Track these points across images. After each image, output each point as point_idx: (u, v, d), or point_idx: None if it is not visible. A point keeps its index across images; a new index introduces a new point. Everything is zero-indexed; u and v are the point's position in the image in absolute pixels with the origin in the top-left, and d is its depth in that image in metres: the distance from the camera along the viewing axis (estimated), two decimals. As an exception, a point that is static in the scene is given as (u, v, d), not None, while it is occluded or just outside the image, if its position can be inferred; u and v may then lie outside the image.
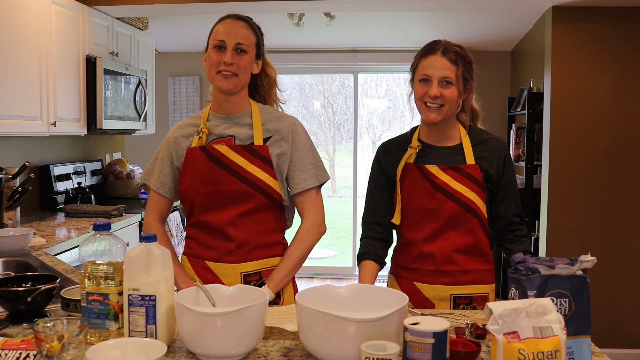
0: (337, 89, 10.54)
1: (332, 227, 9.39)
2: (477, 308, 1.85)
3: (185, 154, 1.84)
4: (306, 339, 1.28)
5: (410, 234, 1.89)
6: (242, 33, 1.80)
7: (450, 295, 1.85)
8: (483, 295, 1.87)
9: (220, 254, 1.82)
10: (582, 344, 1.25)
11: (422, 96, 1.82)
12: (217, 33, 1.80)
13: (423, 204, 1.85)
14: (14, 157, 3.43)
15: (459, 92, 1.81)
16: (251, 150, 1.81)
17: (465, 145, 1.87)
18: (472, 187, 1.83)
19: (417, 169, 1.86)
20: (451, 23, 4.86)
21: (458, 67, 1.80)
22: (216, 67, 1.78)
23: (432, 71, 1.80)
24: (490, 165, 1.86)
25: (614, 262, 3.82)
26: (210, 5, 3.63)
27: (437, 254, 1.85)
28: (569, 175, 3.81)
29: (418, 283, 1.88)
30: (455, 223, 1.83)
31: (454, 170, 1.83)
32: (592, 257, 1.25)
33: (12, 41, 2.86)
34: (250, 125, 1.84)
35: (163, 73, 5.67)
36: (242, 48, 1.79)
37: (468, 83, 1.85)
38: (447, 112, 1.81)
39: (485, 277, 1.89)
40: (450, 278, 1.85)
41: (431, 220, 1.85)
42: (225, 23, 1.81)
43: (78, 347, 1.19)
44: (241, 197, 1.79)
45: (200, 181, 1.80)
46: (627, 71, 3.74)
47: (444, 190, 1.83)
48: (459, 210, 1.82)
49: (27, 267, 2.26)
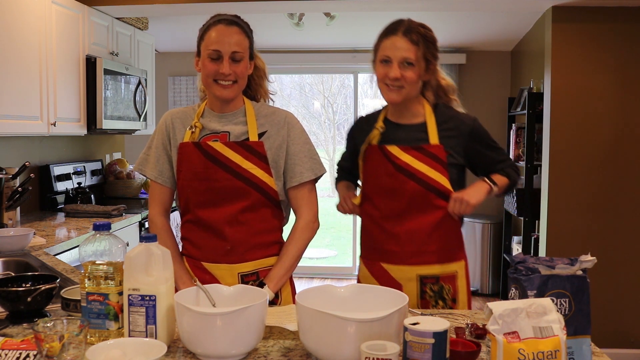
0: (337, 89, 10.54)
1: (332, 227, 9.37)
2: (445, 287, 1.87)
3: (179, 149, 1.83)
4: (306, 339, 1.29)
5: (374, 214, 1.91)
6: (236, 40, 1.75)
7: (417, 276, 1.86)
8: (451, 274, 1.89)
9: (217, 254, 1.81)
10: (582, 344, 1.25)
11: (383, 77, 1.84)
12: (210, 41, 1.75)
13: (384, 184, 1.87)
14: (14, 157, 3.43)
15: (419, 73, 1.82)
16: (246, 147, 1.79)
17: (430, 123, 1.87)
18: (435, 166, 1.83)
19: (379, 150, 1.88)
20: (451, 23, 4.86)
21: (419, 48, 1.81)
22: (213, 76, 1.77)
23: (392, 52, 1.81)
24: (457, 145, 1.86)
25: (614, 262, 3.82)
26: (210, 5, 3.63)
27: (401, 234, 1.86)
28: (569, 175, 3.81)
29: (385, 264, 1.89)
30: (418, 203, 1.84)
31: (416, 150, 1.84)
32: (592, 257, 1.25)
33: (12, 41, 2.86)
34: (245, 122, 1.84)
35: (163, 73, 5.67)
36: (238, 57, 1.76)
37: (431, 63, 1.86)
38: (407, 93, 1.83)
39: (452, 255, 1.90)
40: (415, 258, 1.86)
41: (393, 200, 1.86)
42: (218, 30, 1.75)
43: (78, 347, 1.19)
44: (237, 194, 1.78)
45: (196, 178, 1.79)
46: (627, 71, 3.74)
47: (405, 171, 1.83)
48: (421, 190, 1.83)
49: (27, 267, 2.26)
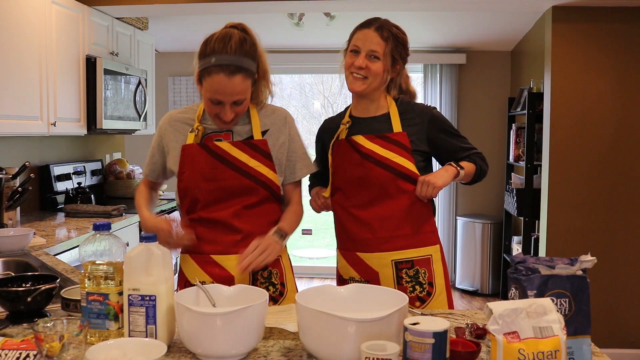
0: (337, 89, 10.54)
1: (331, 227, 9.37)
2: (420, 271, 1.90)
3: (182, 151, 1.83)
4: (306, 339, 1.29)
5: (346, 204, 1.95)
6: (239, 89, 1.71)
7: (392, 262, 1.90)
8: (425, 257, 1.92)
9: (227, 246, 1.83)
10: (582, 344, 1.25)
11: (349, 66, 1.91)
12: (211, 87, 1.70)
13: (353, 173, 1.92)
14: (14, 157, 3.43)
15: (385, 67, 1.89)
16: (251, 145, 1.82)
17: (393, 114, 1.94)
18: (401, 152, 1.88)
19: (347, 142, 1.94)
20: (451, 23, 4.87)
21: (388, 44, 1.88)
22: (214, 116, 1.78)
23: (361, 43, 1.89)
24: (419, 131, 1.92)
25: (614, 262, 3.82)
26: (210, 5, 3.63)
27: (373, 221, 1.90)
28: (569, 175, 3.82)
29: (360, 253, 1.93)
30: (387, 189, 1.89)
31: (380, 138, 1.90)
32: (592, 257, 1.25)
33: (12, 41, 2.86)
34: (247, 121, 1.86)
35: (163, 73, 5.67)
36: (239, 100, 1.74)
37: (397, 63, 1.93)
38: (370, 83, 1.90)
39: (425, 239, 1.94)
40: (389, 244, 1.89)
41: (362, 188, 1.91)
42: (219, 80, 1.69)
43: (78, 347, 1.19)
44: (245, 192, 1.82)
45: (203, 178, 1.81)
46: (627, 71, 3.74)
47: (371, 158, 1.88)
48: (389, 176, 1.88)
49: (27, 267, 2.26)
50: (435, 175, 1.86)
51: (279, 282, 1.87)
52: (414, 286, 1.90)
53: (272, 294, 1.85)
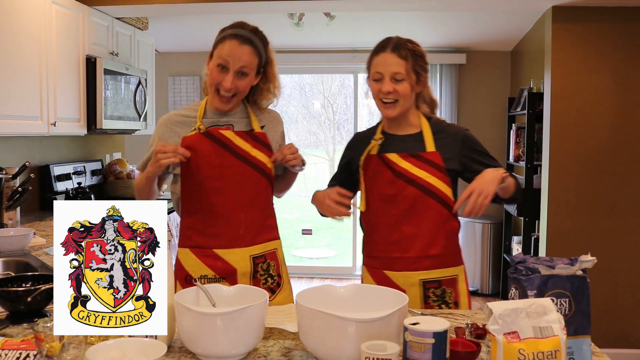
0: (337, 89, 10.54)
1: (331, 227, 9.37)
2: (447, 291, 1.88)
3: (183, 142, 1.86)
4: (306, 339, 1.29)
5: (375, 221, 1.94)
6: (246, 59, 1.83)
7: (420, 281, 1.87)
8: (452, 277, 1.90)
9: (229, 239, 1.87)
10: (582, 344, 1.25)
11: (378, 93, 1.90)
12: (221, 51, 1.83)
13: (384, 191, 1.90)
14: (14, 157, 3.43)
15: (411, 85, 1.88)
16: (253, 136, 1.90)
17: (426, 132, 1.92)
18: (433, 172, 1.86)
19: (379, 158, 1.92)
20: (451, 23, 4.87)
21: (408, 62, 1.86)
22: (216, 86, 1.86)
23: (383, 68, 1.87)
24: (451, 151, 1.90)
25: (614, 262, 3.82)
26: (210, 5, 3.63)
27: (402, 240, 1.88)
28: (569, 175, 3.81)
29: (387, 271, 1.90)
30: (418, 208, 1.87)
31: (413, 157, 1.88)
32: (592, 257, 1.25)
33: (12, 41, 2.86)
34: (245, 118, 1.95)
35: (163, 73, 5.67)
36: (244, 71, 1.84)
37: (421, 76, 1.91)
38: (402, 106, 1.89)
39: (452, 259, 1.92)
40: (417, 264, 1.87)
41: (393, 206, 1.89)
42: (231, 45, 1.82)
43: (78, 347, 1.19)
44: (248, 180, 1.87)
45: (208, 165, 1.86)
46: (627, 71, 3.74)
47: (404, 177, 1.87)
48: (420, 195, 1.86)
49: (27, 267, 2.26)
50: (483, 182, 1.75)
51: (276, 273, 1.95)
52: (440, 305, 1.88)
53: (270, 285, 1.92)
